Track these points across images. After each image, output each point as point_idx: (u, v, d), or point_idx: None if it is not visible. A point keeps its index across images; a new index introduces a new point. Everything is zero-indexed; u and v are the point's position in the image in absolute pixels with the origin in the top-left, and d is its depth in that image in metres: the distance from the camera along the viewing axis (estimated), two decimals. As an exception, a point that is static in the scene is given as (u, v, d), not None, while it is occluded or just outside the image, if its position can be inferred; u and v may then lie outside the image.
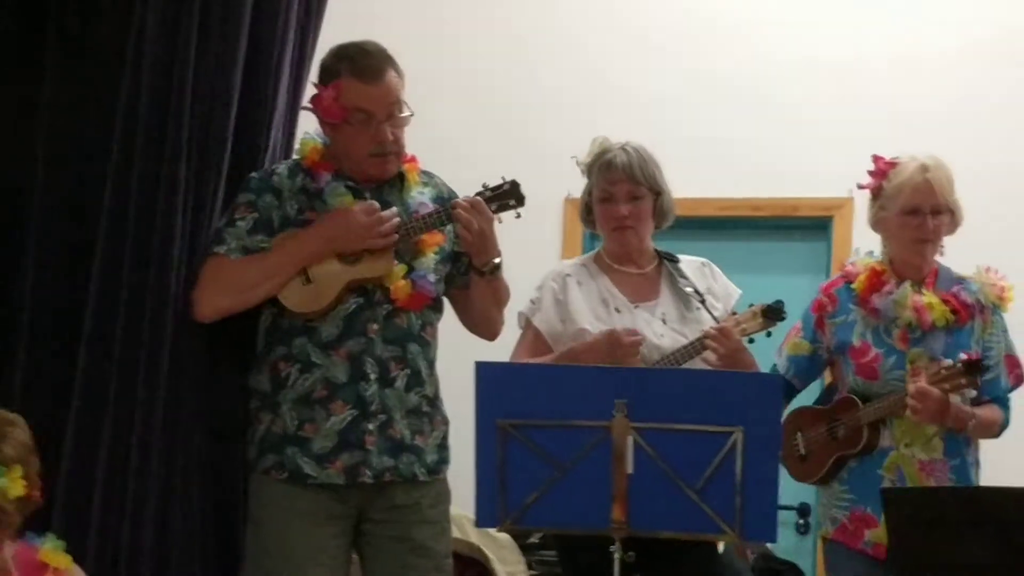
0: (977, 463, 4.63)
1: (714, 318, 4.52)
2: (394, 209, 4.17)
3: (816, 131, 6.72)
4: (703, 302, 4.54)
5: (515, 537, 5.64)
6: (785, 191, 6.75)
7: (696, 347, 4.44)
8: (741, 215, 6.84)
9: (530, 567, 5.73)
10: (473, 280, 4.27)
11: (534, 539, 5.54)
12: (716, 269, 4.73)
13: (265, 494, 4.14)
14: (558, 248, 6.72)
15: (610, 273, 4.63)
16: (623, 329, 4.39)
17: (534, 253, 5.09)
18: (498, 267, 4.22)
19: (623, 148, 4.57)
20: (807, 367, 4.75)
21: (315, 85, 4.22)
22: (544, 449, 3.62)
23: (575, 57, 7.04)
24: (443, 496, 4.27)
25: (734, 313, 4.54)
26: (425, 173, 4.36)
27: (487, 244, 4.16)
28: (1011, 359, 4.65)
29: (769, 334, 4.49)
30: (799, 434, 4.71)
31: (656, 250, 4.70)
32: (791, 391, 4.76)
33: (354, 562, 4.27)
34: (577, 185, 4.71)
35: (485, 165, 4.56)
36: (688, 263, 4.70)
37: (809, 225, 6.85)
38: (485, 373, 3.70)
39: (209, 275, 4.13)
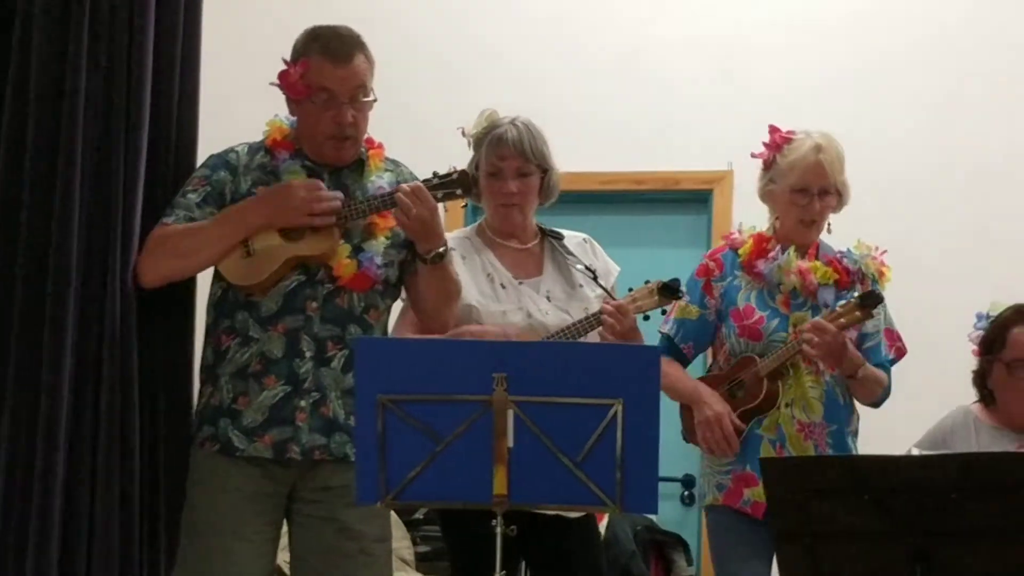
0: (856, 433, 4.69)
1: (607, 292, 4.54)
2: (337, 192, 4.16)
3: (696, 105, 6.77)
4: (595, 278, 4.55)
5: (399, 513, 5.63)
6: (666, 165, 6.79)
7: (591, 322, 4.45)
8: (623, 189, 6.87)
9: (415, 543, 5.73)
10: (419, 268, 4.25)
11: (418, 515, 5.54)
12: (597, 246, 4.74)
13: (199, 468, 4.15)
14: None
15: (493, 247, 4.63)
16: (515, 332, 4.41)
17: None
18: (442, 256, 4.20)
19: (513, 123, 4.56)
20: (696, 331, 4.78)
21: (285, 62, 4.21)
22: (425, 424, 3.60)
23: (456, 30, 7.04)
24: None
25: (630, 290, 4.55)
26: (391, 160, 4.36)
27: (429, 231, 4.15)
28: (891, 332, 4.73)
29: (664, 311, 4.51)
30: None
31: (539, 226, 4.70)
32: (683, 360, 4.80)
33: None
34: (459, 159, 4.69)
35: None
36: (570, 239, 4.70)
37: (690, 198, 6.90)
38: (364, 348, 3.69)
39: (153, 243, 4.13)
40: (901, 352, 4.75)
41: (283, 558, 4.41)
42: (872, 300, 4.48)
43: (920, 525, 3.67)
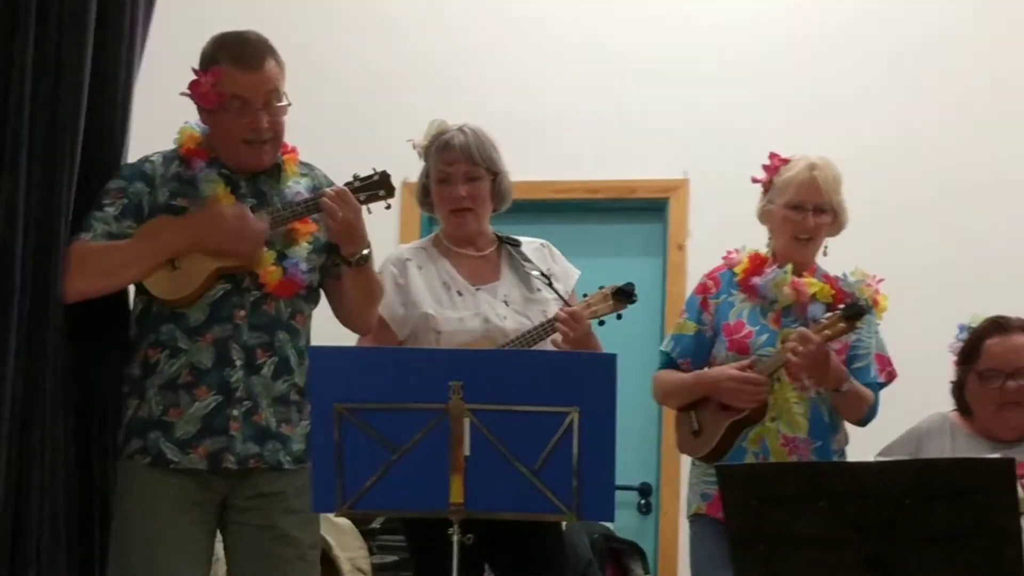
0: (842, 453, 4.74)
1: (561, 298, 4.55)
2: (264, 215, 4.14)
3: (652, 113, 6.77)
4: (550, 283, 4.56)
5: (356, 523, 5.62)
6: (621, 173, 6.80)
7: (546, 329, 4.45)
8: (578, 198, 6.87)
9: (372, 552, 5.71)
10: (344, 271, 4.24)
11: (376, 524, 5.53)
12: (555, 250, 4.75)
13: (129, 480, 4.10)
14: (395, 233, 6.68)
15: (449, 256, 4.63)
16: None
17: (372, 238, 5.05)
18: (367, 258, 4.20)
19: (460, 129, 4.57)
20: (693, 348, 4.80)
21: (194, 71, 4.19)
22: (381, 432, 3.60)
23: (411, 42, 7.03)
24: (309, 486, 4.23)
25: (585, 295, 4.56)
26: (305, 164, 4.35)
27: (354, 234, 4.15)
28: (882, 358, 4.77)
29: (619, 316, 4.53)
30: (692, 412, 4.77)
31: (496, 234, 4.70)
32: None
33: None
34: (414, 169, 4.69)
35: (321, 150, 4.52)
36: (527, 245, 4.71)
37: (645, 207, 6.90)
38: (319, 357, 3.71)
39: (74, 260, 4.06)
40: (891, 376, 4.80)
41: (220, 570, 4.41)
42: (856, 312, 4.52)
43: (875, 531, 3.69)
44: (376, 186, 4.21)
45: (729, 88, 6.71)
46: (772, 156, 4.80)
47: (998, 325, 4.71)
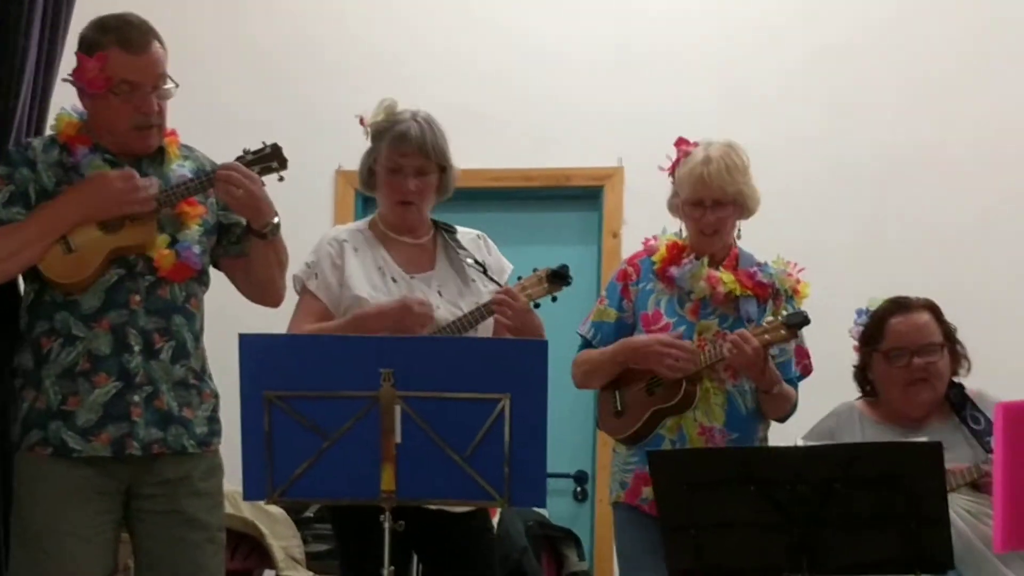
0: (763, 443, 4.75)
1: (496, 283, 4.55)
2: (152, 178, 4.12)
3: (586, 101, 6.78)
4: (484, 271, 4.56)
5: (289, 511, 5.62)
6: (556, 161, 6.81)
7: (481, 313, 4.45)
8: (513, 186, 6.87)
9: (305, 541, 5.71)
10: (254, 244, 4.23)
11: (309, 513, 5.53)
12: (491, 243, 4.74)
13: (30, 472, 4.07)
14: (330, 221, 6.66)
15: (386, 242, 4.61)
16: (416, 299, 4.39)
17: (306, 225, 5.05)
18: (277, 227, 4.19)
19: (415, 119, 4.53)
20: (613, 334, 4.80)
21: (78, 56, 4.13)
22: (312, 420, 3.61)
23: (347, 29, 7.02)
24: (215, 469, 4.23)
25: (520, 278, 4.54)
26: (186, 147, 4.32)
27: (260, 205, 4.14)
28: (801, 350, 4.79)
29: (554, 299, 4.52)
30: (616, 392, 4.77)
31: (432, 220, 4.70)
32: None
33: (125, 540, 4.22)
34: (349, 157, 4.66)
35: (257, 135, 4.49)
36: (464, 234, 4.70)
37: (581, 195, 6.91)
38: (249, 344, 3.69)
39: None
40: (808, 370, 4.82)
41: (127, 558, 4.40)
42: (798, 322, 4.55)
43: (805, 516, 3.73)
44: (268, 158, 4.19)
45: (663, 76, 6.74)
46: (679, 144, 4.78)
47: (899, 304, 4.75)
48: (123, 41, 4.08)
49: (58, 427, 4.02)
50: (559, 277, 4.50)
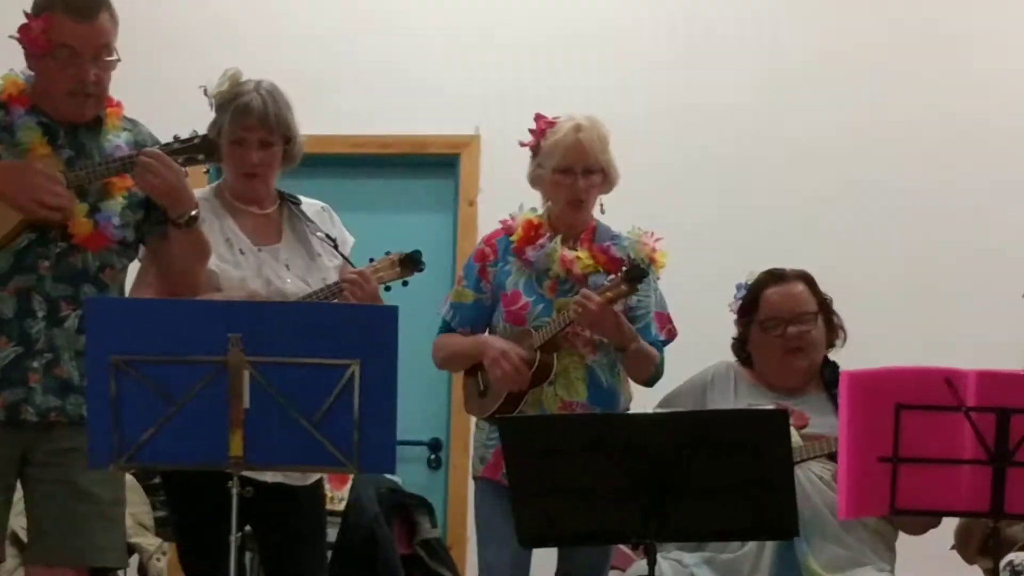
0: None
1: (347, 260, 4.54)
2: (71, 195, 4.07)
3: (444, 71, 6.77)
4: (335, 246, 4.55)
5: (138, 478, 5.56)
6: (413, 128, 6.79)
7: (331, 291, 4.43)
8: (370, 152, 6.85)
9: (154, 507, 5.65)
10: (172, 232, 4.20)
11: (157, 480, 5.45)
12: (335, 215, 4.72)
13: None
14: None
15: (233, 212, 4.57)
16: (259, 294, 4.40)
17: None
18: (195, 219, 4.16)
19: (258, 91, 4.49)
20: (472, 315, 4.83)
21: (26, 14, 4.12)
22: (159, 385, 3.57)
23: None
24: None
25: (372, 260, 4.54)
26: (129, 120, 4.30)
27: (178, 196, 4.11)
28: (661, 315, 4.83)
29: (405, 283, 4.54)
30: (479, 373, 4.79)
31: (278, 191, 4.67)
32: None
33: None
34: (200, 125, 4.60)
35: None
36: (309, 206, 4.67)
37: (437, 163, 6.91)
38: (95, 308, 3.66)
39: None
40: (672, 334, 4.86)
41: (19, 523, 4.34)
42: (635, 274, 4.57)
43: (655, 482, 3.75)
44: (195, 149, 4.18)
45: (520, 48, 6.74)
46: (538, 118, 4.80)
47: (774, 276, 4.84)
48: (70, 7, 4.08)
49: None
50: (412, 262, 4.53)
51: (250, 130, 4.47)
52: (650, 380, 4.82)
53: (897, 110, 6.61)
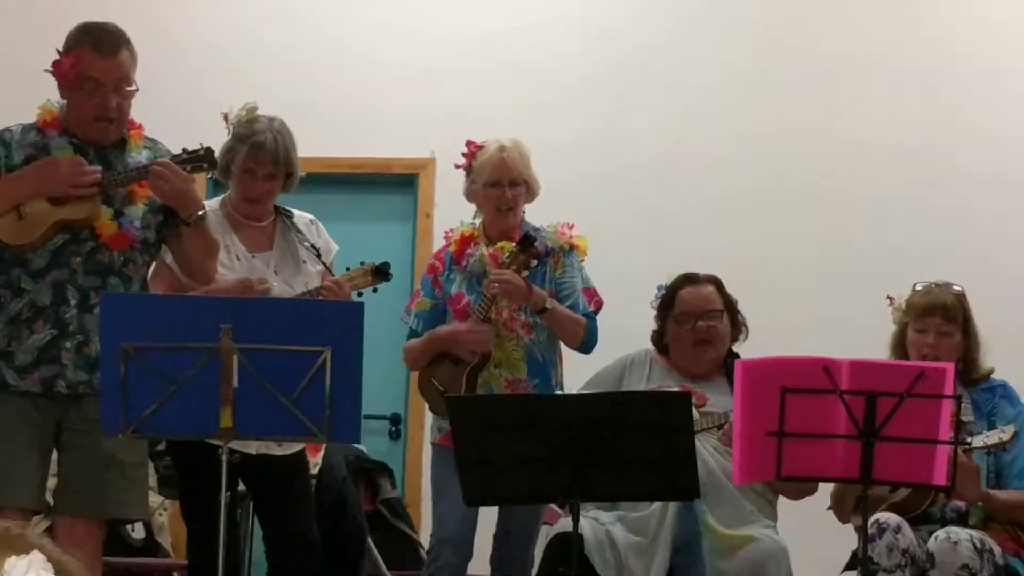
0: (560, 386, 4.82)
1: (328, 269, 4.57)
2: (97, 166, 4.13)
3: (403, 98, 6.78)
4: (318, 255, 4.57)
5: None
6: (380, 152, 6.81)
7: (312, 295, 4.46)
8: (343, 171, 6.85)
9: (158, 471, 5.64)
10: (183, 230, 4.23)
11: (160, 447, 5.45)
12: (321, 226, 4.75)
13: None
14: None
15: (234, 223, 4.61)
16: (256, 279, 4.41)
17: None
18: (202, 218, 4.20)
19: (271, 130, 4.52)
20: (433, 319, 4.86)
21: (58, 52, 4.16)
22: (161, 368, 3.63)
23: (186, 25, 6.90)
24: None
25: (348, 268, 4.58)
26: (149, 139, 4.33)
27: (187, 200, 4.14)
28: (588, 290, 4.85)
29: (375, 290, 4.58)
30: (432, 379, 4.81)
31: (275, 205, 4.69)
32: None
33: None
34: (189, 141, 4.59)
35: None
36: (299, 219, 4.70)
37: (399, 181, 6.92)
38: (109, 302, 3.75)
39: None
40: (599, 305, 4.87)
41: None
42: (527, 241, 4.64)
43: (579, 455, 3.78)
44: (200, 159, 4.22)
45: (468, 83, 6.75)
46: (468, 144, 4.88)
47: (688, 278, 4.92)
48: (95, 44, 4.12)
49: (1, 365, 4.06)
50: (382, 273, 4.57)
51: (261, 164, 4.52)
52: (585, 346, 4.83)
53: (791, 123, 6.62)
